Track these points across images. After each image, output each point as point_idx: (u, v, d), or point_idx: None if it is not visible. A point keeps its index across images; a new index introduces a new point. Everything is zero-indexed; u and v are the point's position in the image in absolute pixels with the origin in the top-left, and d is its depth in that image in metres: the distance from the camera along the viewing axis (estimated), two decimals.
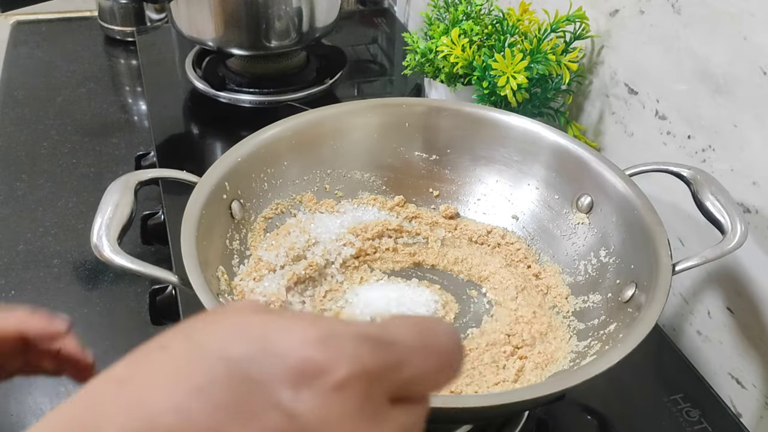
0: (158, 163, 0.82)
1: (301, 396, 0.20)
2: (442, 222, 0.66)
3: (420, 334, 0.23)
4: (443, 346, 0.24)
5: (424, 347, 0.23)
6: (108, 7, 1.18)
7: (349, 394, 0.20)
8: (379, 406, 0.22)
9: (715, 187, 0.53)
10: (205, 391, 0.20)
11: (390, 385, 0.22)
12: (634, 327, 0.45)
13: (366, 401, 0.21)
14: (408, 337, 0.23)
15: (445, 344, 0.24)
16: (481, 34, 0.76)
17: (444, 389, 0.25)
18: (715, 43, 0.58)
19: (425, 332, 0.23)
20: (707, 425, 0.56)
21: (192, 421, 0.19)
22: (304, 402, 0.20)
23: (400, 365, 0.22)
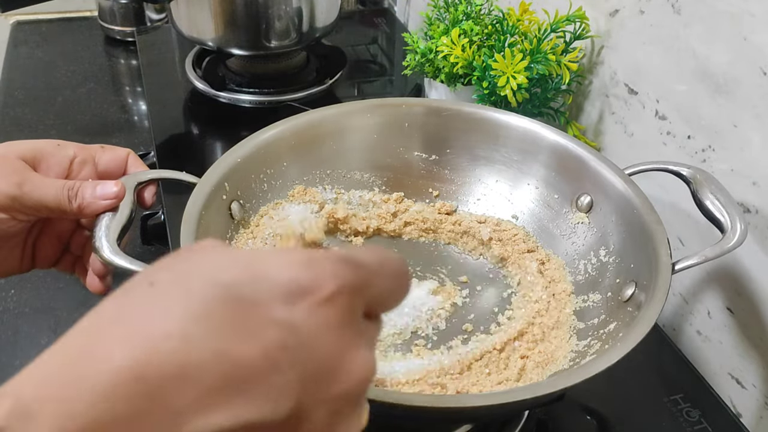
0: (158, 164, 0.82)
1: (295, 311, 0.22)
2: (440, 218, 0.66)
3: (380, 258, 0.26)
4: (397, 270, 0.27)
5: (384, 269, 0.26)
6: (108, 7, 1.18)
7: (336, 307, 0.23)
8: (359, 318, 0.25)
9: (714, 186, 0.53)
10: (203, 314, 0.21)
11: (363, 299, 0.25)
12: (633, 326, 0.45)
13: (350, 313, 0.24)
14: (372, 261, 0.26)
15: (399, 268, 0.27)
16: (481, 34, 0.76)
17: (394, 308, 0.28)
18: (715, 43, 0.58)
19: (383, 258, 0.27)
20: (707, 425, 0.56)
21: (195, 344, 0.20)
22: (299, 315, 0.22)
23: (370, 283, 0.25)
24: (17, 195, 0.45)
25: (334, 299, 0.23)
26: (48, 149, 0.49)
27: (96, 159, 0.51)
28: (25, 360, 0.21)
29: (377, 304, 0.26)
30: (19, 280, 0.75)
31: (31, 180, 0.46)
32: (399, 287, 0.27)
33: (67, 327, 0.22)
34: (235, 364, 0.21)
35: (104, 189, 0.47)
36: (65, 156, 0.49)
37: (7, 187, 0.45)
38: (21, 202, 0.45)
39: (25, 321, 0.71)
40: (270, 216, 0.60)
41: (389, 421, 0.51)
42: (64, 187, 0.46)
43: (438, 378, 0.51)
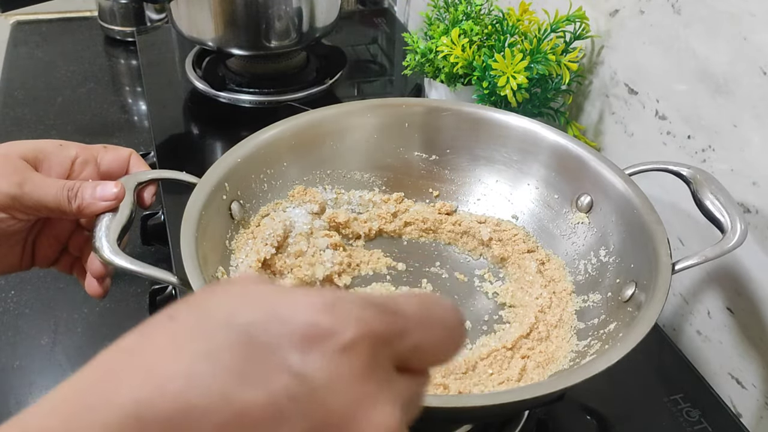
0: (158, 164, 0.82)
1: (310, 358, 0.20)
2: (440, 218, 0.66)
3: (423, 306, 0.24)
4: (446, 320, 0.24)
5: (428, 318, 0.24)
6: (108, 7, 1.18)
7: (356, 356, 0.21)
8: (384, 370, 0.22)
9: (714, 186, 0.53)
10: (213, 355, 0.20)
11: (394, 351, 0.22)
12: (633, 326, 0.45)
13: (372, 364, 0.21)
14: (412, 308, 0.23)
15: (448, 318, 0.24)
16: (481, 34, 0.76)
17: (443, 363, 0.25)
18: (715, 43, 0.58)
19: (428, 305, 0.24)
20: (707, 425, 0.56)
21: (200, 385, 0.19)
22: (313, 364, 0.20)
23: (404, 333, 0.23)
24: (17, 194, 0.45)
25: (354, 347, 0.21)
26: (50, 149, 0.49)
27: (98, 159, 0.51)
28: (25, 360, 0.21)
29: (416, 358, 0.23)
30: (20, 280, 0.75)
31: (31, 180, 0.46)
32: (447, 340, 0.24)
33: (67, 327, 0.23)
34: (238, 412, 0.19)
35: (104, 190, 0.47)
36: (67, 156, 0.49)
37: (8, 187, 0.45)
38: (21, 202, 0.45)
39: (25, 321, 0.71)
40: (271, 217, 0.60)
41: None
42: (64, 188, 0.46)
43: (443, 378, 0.51)
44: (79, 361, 0.70)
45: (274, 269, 0.58)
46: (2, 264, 0.50)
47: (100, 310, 0.72)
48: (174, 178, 0.54)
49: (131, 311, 0.71)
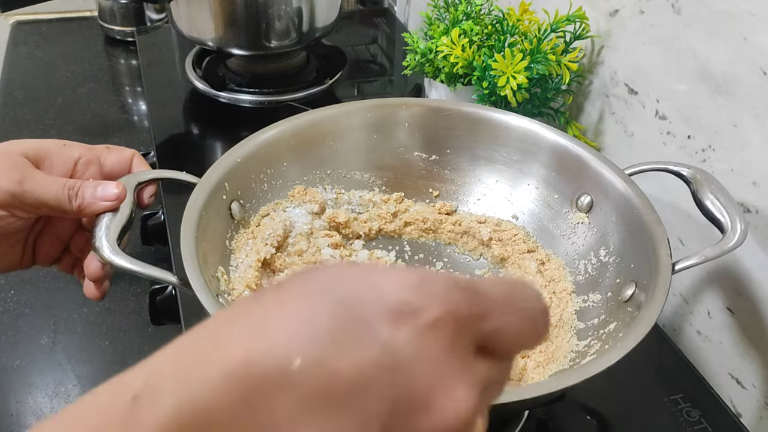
0: (158, 163, 0.82)
1: (398, 332, 0.21)
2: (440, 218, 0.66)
3: (508, 291, 0.25)
4: (529, 306, 0.25)
5: (511, 303, 0.24)
6: (108, 7, 1.18)
7: (440, 334, 0.22)
8: (466, 350, 0.23)
9: (714, 186, 0.53)
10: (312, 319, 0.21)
11: (476, 333, 0.23)
12: (633, 326, 0.45)
13: (455, 342, 0.22)
14: (497, 292, 0.24)
15: (532, 305, 0.25)
16: (481, 34, 0.76)
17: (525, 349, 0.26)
18: (715, 43, 0.58)
19: (513, 290, 0.25)
20: (707, 425, 0.56)
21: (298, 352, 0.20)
22: (401, 338, 0.21)
23: (487, 315, 0.23)
24: (17, 192, 0.45)
25: (438, 325, 0.22)
26: (53, 148, 0.49)
27: (101, 160, 0.51)
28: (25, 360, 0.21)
29: (497, 342, 0.24)
30: (20, 280, 0.75)
31: (32, 177, 0.46)
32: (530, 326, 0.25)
33: (67, 327, 0.23)
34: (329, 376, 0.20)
35: (105, 190, 0.47)
36: (70, 156, 0.49)
37: (8, 184, 0.45)
38: (21, 200, 0.45)
39: (25, 321, 0.71)
40: (271, 217, 0.60)
41: None
42: (65, 186, 0.46)
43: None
44: (79, 360, 0.70)
45: (274, 268, 0.58)
46: (2, 262, 0.50)
47: (100, 310, 0.72)
48: (174, 178, 0.54)
49: (131, 311, 0.71)
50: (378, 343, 0.21)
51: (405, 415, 0.21)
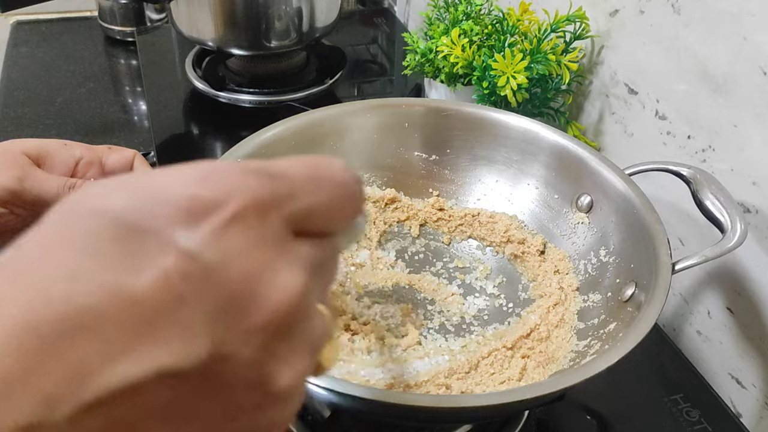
0: (158, 163, 0.82)
1: (197, 234, 0.19)
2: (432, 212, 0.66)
3: (310, 167, 0.23)
4: (337, 178, 0.23)
5: (316, 178, 0.23)
6: (108, 7, 1.18)
7: (245, 225, 0.20)
8: (279, 236, 0.21)
9: (714, 186, 0.53)
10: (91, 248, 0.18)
11: (286, 215, 0.21)
12: (633, 326, 0.45)
13: (264, 230, 0.20)
14: (297, 170, 0.22)
15: (340, 176, 0.24)
16: (481, 34, 0.76)
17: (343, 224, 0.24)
18: (715, 43, 0.58)
19: (316, 166, 0.23)
20: (707, 425, 0.56)
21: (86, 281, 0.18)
22: (201, 239, 0.19)
23: (293, 195, 0.22)
24: (17, 189, 0.45)
25: (243, 216, 0.20)
26: (54, 148, 0.49)
27: (103, 160, 0.51)
28: None
29: (313, 221, 0.22)
30: None
31: (32, 175, 0.46)
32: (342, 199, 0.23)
33: None
34: (132, 302, 0.18)
35: None
36: (71, 156, 0.49)
37: (8, 181, 0.45)
38: (21, 197, 0.45)
39: None
40: None
41: (389, 422, 0.51)
42: (65, 185, 0.46)
43: (446, 379, 0.51)
44: None
45: None
46: None
47: None
48: None
49: None
50: (177, 251, 0.19)
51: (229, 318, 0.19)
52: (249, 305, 0.19)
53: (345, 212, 0.24)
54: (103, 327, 0.18)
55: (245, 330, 0.19)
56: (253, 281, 0.20)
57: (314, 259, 0.22)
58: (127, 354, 0.18)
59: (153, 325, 0.18)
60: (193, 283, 0.19)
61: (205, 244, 0.19)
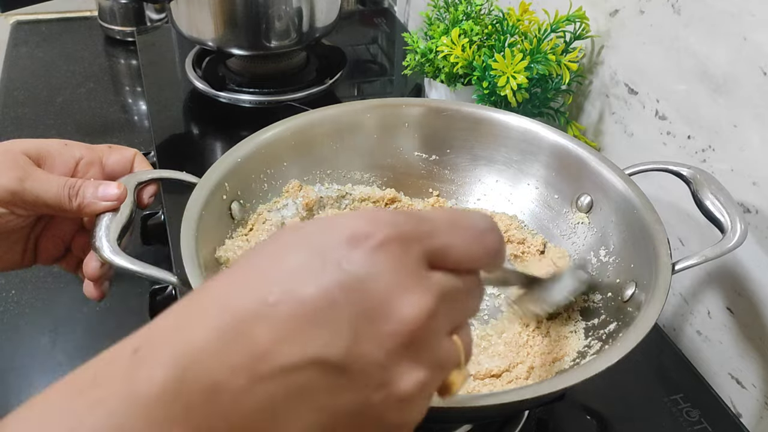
0: (158, 163, 0.82)
1: (353, 255, 0.25)
2: None
3: (452, 214, 0.29)
4: (474, 223, 0.28)
5: (455, 222, 0.28)
6: (108, 7, 1.18)
7: (390, 251, 0.25)
8: (416, 264, 0.26)
9: (714, 186, 0.53)
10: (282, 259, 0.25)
11: (425, 248, 0.26)
12: (633, 326, 0.45)
13: (405, 258, 0.26)
14: (441, 215, 0.28)
15: (477, 221, 0.29)
16: (481, 34, 0.76)
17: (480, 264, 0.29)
18: (715, 43, 0.58)
19: (457, 213, 0.29)
20: (707, 425, 0.56)
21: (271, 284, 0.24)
22: (356, 259, 0.25)
23: (434, 233, 0.27)
24: (18, 190, 0.45)
25: (389, 244, 0.25)
26: (55, 148, 0.49)
27: (103, 160, 0.51)
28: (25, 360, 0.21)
29: (448, 257, 0.27)
30: (20, 280, 0.75)
31: (33, 175, 0.46)
32: (478, 240, 0.28)
33: (67, 327, 0.23)
34: (300, 302, 0.24)
35: (105, 190, 0.47)
36: (71, 156, 0.49)
37: (8, 182, 0.45)
38: (21, 197, 0.45)
39: (25, 321, 0.71)
40: (264, 217, 0.60)
41: None
42: (66, 185, 0.46)
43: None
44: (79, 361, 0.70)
45: None
46: (3, 260, 0.50)
47: (100, 310, 0.72)
48: (174, 178, 0.54)
49: (131, 311, 0.71)
50: (336, 268, 0.25)
51: (371, 323, 0.24)
52: (384, 315, 0.25)
53: (480, 253, 0.28)
54: (277, 319, 0.24)
55: (379, 335, 0.24)
56: (390, 296, 0.25)
57: (446, 288, 0.27)
58: (289, 341, 0.23)
59: (312, 321, 0.24)
60: (345, 291, 0.24)
61: (358, 262, 0.25)
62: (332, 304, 0.24)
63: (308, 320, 0.24)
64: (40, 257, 0.52)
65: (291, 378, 0.23)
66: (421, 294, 0.25)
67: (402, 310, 0.25)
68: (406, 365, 0.25)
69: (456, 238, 0.27)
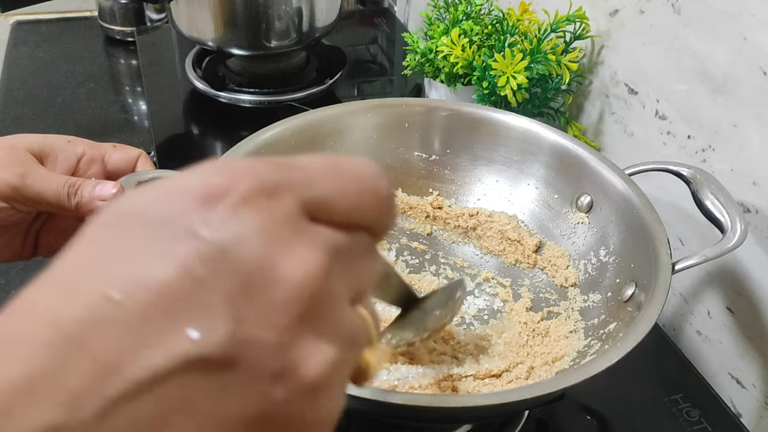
0: (158, 163, 0.82)
1: (211, 218, 0.19)
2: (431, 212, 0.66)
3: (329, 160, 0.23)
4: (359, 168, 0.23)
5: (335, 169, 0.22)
6: (108, 7, 1.18)
7: (257, 205, 0.20)
8: (293, 216, 0.21)
9: (714, 186, 0.53)
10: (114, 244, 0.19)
11: (301, 198, 0.21)
12: (633, 326, 0.45)
13: (276, 211, 0.20)
14: (316, 162, 0.22)
15: (362, 167, 0.23)
16: (481, 34, 0.76)
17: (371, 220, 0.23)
18: (715, 43, 0.58)
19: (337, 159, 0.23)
20: (707, 425, 0.56)
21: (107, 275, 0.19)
22: (215, 222, 0.19)
23: (309, 182, 0.21)
24: (18, 186, 0.45)
25: (253, 197, 0.20)
26: (58, 145, 0.49)
27: (106, 158, 0.51)
28: None
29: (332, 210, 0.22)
30: (20, 281, 0.75)
31: (34, 172, 0.46)
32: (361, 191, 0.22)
33: None
34: (155, 291, 0.18)
35: (102, 189, 0.47)
36: (73, 153, 0.49)
37: (10, 177, 0.45)
38: (21, 193, 0.45)
39: None
40: None
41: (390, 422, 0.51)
42: (66, 183, 0.47)
43: (451, 382, 0.51)
44: None
45: None
46: (3, 252, 0.50)
47: None
48: None
49: None
50: (191, 236, 0.19)
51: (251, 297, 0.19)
52: (266, 283, 0.19)
53: (369, 206, 0.23)
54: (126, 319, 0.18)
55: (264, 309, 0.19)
56: (268, 259, 0.19)
57: (336, 245, 0.21)
58: (149, 345, 0.18)
59: (174, 312, 0.18)
60: (209, 264, 0.19)
61: (218, 226, 0.19)
62: (196, 283, 0.18)
63: (167, 311, 0.18)
64: (41, 250, 0.53)
65: (158, 392, 0.18)
66: (308, 249, 0.20)
67: (288, 272, 0.19)
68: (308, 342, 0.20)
69: (338, 186, 0.22)
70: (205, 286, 0.18)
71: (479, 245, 0.65)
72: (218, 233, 0.19)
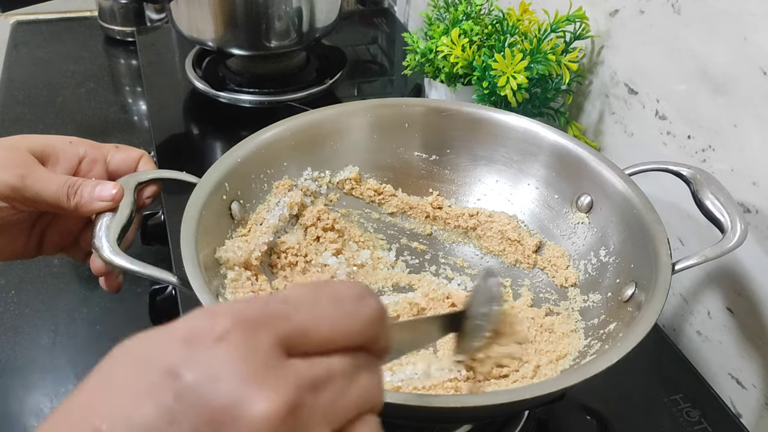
0: (158, 164, 0.82)
1: (189, 357, 0.21)
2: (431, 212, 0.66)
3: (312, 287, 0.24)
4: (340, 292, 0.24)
5: (313, 298, 0.24)
6: (108, 7, 1.18)
7: (230, 344, 0.21)
8: (267, 353, 0.22)
9: (714, 186, 0.53)
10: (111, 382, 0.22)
11: (278, 334, 0.22)
12: (633, 326, 0.45)
13: (251, 349, 0.21)
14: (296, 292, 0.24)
15: (344, 290, 0.24)
16: (481, 34, 0.76)
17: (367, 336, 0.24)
18: (715, 43, 0.58)
19: (319, 285, 0.24)
20: (707, 425, 0.56)
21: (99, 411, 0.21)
22: (192, 361, 0.21)
23: (285, 315, 0.23)
24: (19, 186, 0.45)
25: (228, 337, 0.21)
26: (59, 145, 0.49)
27: (108, 159, 0.51)
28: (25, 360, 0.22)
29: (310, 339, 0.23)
30: (19, 280, 0.75)
31: (34, 173, 0.46)
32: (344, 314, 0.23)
33: (67, 327, 0.24)
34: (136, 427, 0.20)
35: (102, 190, 0.48)
36: (75, 153, 0.50)
37: (10, 178, 0.45)
38: (21, 194, 0.46)
39: (25, 321, 0.71)
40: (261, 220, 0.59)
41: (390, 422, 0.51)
42: (65, 184, 0.47)
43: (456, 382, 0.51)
44: (79, 361, 0.70)
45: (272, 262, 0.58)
46: (6, 251, 0.50)
47: (100, 310, 0.72)
48: (174, 178, 0.54)
49: (131, 311, 0.71)
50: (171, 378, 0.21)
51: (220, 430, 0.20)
52: (231, 419, 0.20)
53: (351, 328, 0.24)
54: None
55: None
56: (236, 397, 0.21)
57: (310, 376, 0.22)
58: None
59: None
60: (183, 401, 0.20)
61: (194, 365, 0.21)
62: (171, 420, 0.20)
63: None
64: (46, 248, 0.53)
65: None
66: (275, 386, 0.21)
67: (252, 409, 0.20)
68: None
69: (318, 314, 0.23)
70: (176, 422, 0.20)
71: (479, 245, 0.65)
72: (193, 372, 0.21)
